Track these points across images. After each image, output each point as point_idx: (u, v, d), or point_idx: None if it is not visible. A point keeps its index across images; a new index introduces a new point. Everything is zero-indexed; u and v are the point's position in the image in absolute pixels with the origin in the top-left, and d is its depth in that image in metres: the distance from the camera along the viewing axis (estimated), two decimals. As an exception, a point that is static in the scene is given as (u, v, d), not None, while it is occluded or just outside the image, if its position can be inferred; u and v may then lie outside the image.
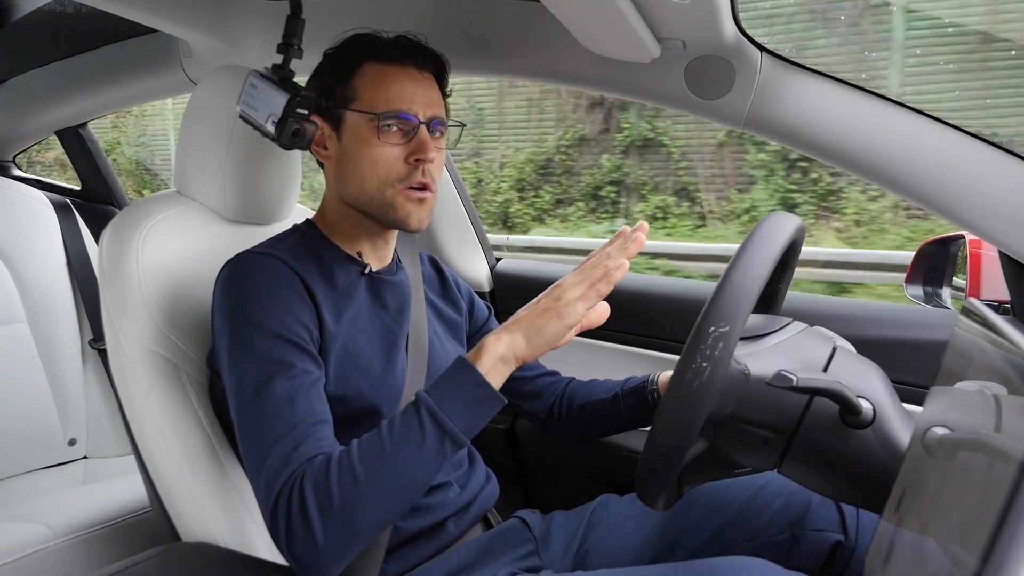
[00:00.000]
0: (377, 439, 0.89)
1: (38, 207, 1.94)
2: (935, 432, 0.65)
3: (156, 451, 1.12)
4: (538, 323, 0.91)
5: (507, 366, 0.92)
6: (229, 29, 1.54)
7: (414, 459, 0.87)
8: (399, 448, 0.87)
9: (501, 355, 0.91)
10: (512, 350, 0.92)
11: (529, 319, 0.92)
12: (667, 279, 1.87)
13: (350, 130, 1.08)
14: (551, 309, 0.91)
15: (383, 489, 0.86)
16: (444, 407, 0.88)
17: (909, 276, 1.44)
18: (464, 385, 0.90)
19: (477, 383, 0.90)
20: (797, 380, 0.82)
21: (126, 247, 1.14)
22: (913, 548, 0.62)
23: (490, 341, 0.92)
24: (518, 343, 0.92)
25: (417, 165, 1.07)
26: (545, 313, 0.91)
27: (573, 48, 1.19)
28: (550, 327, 0.91)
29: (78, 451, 1.91)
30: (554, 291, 0.93)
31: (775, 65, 1.12)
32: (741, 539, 1.12)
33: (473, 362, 0.91)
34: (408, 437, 0.88)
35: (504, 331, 0.93)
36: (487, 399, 0.90)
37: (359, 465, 0.87)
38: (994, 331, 0.68)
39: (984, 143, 1.02)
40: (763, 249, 0.83)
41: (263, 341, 0.97)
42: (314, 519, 0.85)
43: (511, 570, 1.09)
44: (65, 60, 2.00)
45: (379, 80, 1.07)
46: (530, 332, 0.92)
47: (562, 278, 0.94)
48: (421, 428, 0.88)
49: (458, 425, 0.88)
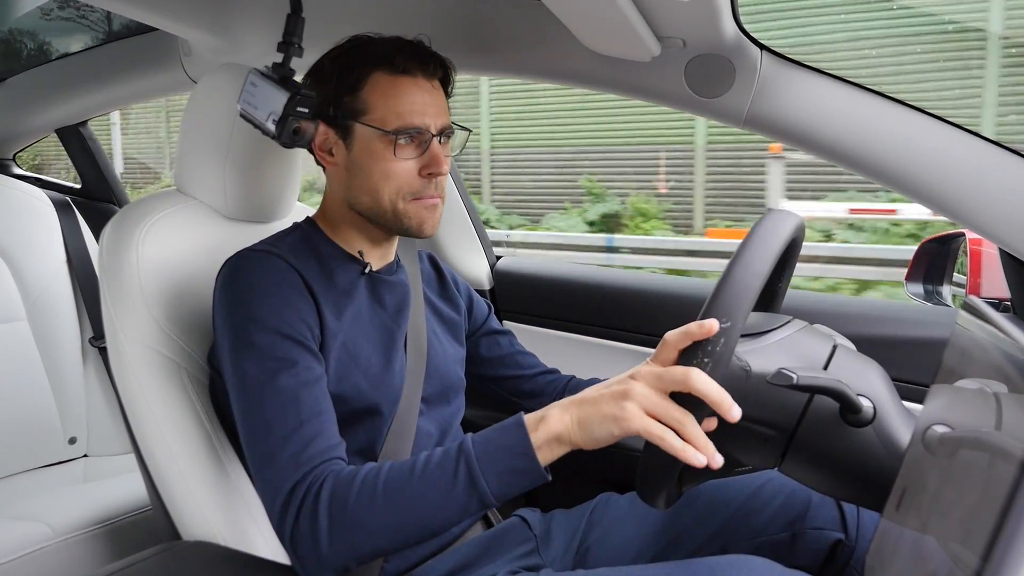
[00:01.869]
0: (409, 469, 0.87)
1: (38, 205, 1.94)
2: (935, 430, 0.65)
3: (156, 449, 1.12)
4: (593, 418, 0.83)
5: (561, 447, 0.85)
6: (229, 27, 1.53)
7: (436, 503, 0.86)
8: (426, 487, 0.86)
9: (558, 434, 0.84)
10: (570, 434, 0.84)
11: (591, 406, 0.84)
12: (667, 277, 1.87)
13: (361, 142, 1.07)
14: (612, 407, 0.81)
15: (396, 520, 0.86)
16: (484, 466, 0.85)
17: (909, 274, 1.44)
18: (513, 449, 0.85)
19: (525, 453, 0.84)
20: (797, 378, 0.82)
21: (126, 245, 1.14)
22: (913, 546, 0.62)
23: (554, 416, 0.85)
24: (574, 431, 0.84)
25: (430, 178, 1.07)
26: (605, 407, 0.82)
27: (573, 46, 1.19)
28: (604, 428, 0.82)
29: (78, 449, 1.91)
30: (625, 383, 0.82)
31: (775, 63, 1.12)
32: (741, 538, 1.12)
33: (530, 430, 0.85)
34: (439, 480, 0.86)
35: (569, 409, 0.85)
36: (530, 472, 0.85)
37: (382, 488, 0.86)
38: (995, 328, 0.68)
39: (984, 140, 1.02)
40: (765, 245, 0.83)
41: (265, 338, 0.97)
42: (322, 525, 0.86)
43: (511, 568, 1.09)
44: (65, 58, 2.00)
45: (391, 93, 1.06)
46: (584, 422, 0.84)
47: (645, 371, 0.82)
48: (455, 476, 0.85)
49: (491, 488, 0.85)
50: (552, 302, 1.75)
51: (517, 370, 1.34)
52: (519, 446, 0.85)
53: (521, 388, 1.33)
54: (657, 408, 0.79)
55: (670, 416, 0.78)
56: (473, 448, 0.86)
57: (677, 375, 0.78)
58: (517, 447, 0.85)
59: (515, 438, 0.85)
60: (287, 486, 0.89)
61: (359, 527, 0.86)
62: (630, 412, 0.79)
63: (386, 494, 0.86)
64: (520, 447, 0.85)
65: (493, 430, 0.88)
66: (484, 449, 0.86)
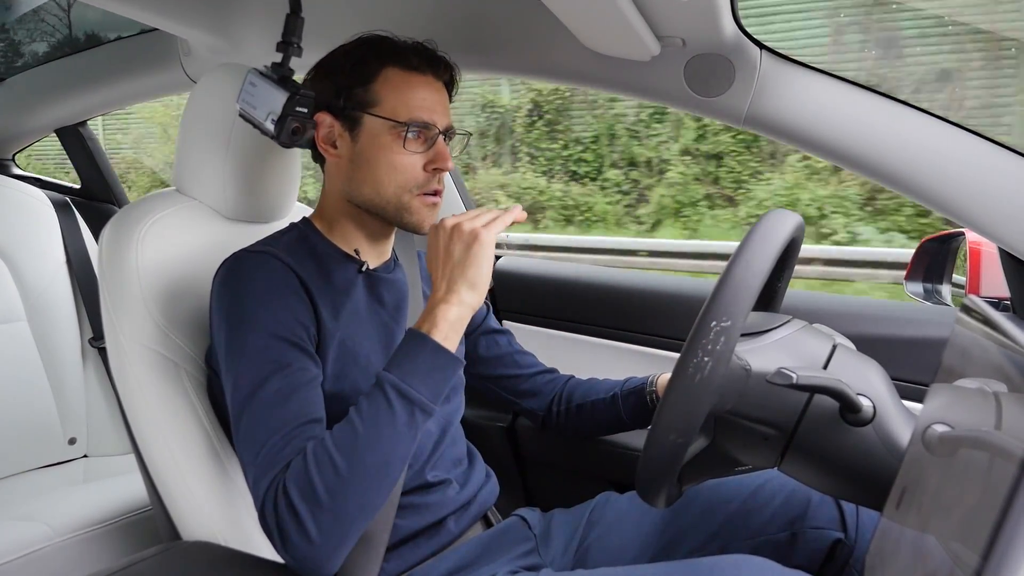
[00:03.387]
0: (349, 425, 0.89)
1: (38, 206, 1.93)
2: (935, 429, 0.65)
3: (156, 450, 1.12)
4: (471, 269, 0.95)
5: (462, 323, 0.96)
6: (228, 27, 1.53)
7: (388, 436, 0.89)
8: (372, 429, 0.89)
9: (453, 320, 0.95)
10: (461, 309, 0.95)
11: (461, 270, 0.95)
12: (667, 276, 1.87)
13: (369, 134, 1.08)
14: (472, 249, 0.95)
15: (365, 472, 0.87)
16: (410, 381, 0.91)
17: (909, 273, 1.44)
18: (421, 355, 0.92)
19: (434, 349, 0.93)
20: (797, 377, 0.82)
21: (125, 245, 1.14)
22: (913, 546, 0.62)
23: (441, 309, 0.95)
24: (466, 297, 0.95)
25: (435, 173, 1.09)
26: (471, 255, 0.95)
27: (573, 46, 1.19)
28: (484, 266, 0.95)
29: (78, 450, 1.91)
30: (460, 236, 0.96)
31: (775, 62, 1.12)
32: (741, 537, 1.12)
33: (428, 332, 0.93)
34: (378, 416, 0.89)
35: (448, 293, 0.95)
36: (447, 363, 0.93)
37: (336, 454, 0.87)
38: (994, 328, 0.68)
39: (983, 139, 1.02)
40: (764, 244, 0.83)
41: (260, 340, 0.97)
42: (304, 516, 0.86)
43: (511, 568, 1.09)
44: (64, 58, 2.00)
45: (403, 87, 1.07)
46: (471, 280, 0.95)
47: (449, 221, 0.98)
48: (389, 405, 0.89)
49: (424, 394, 0.91)
50: (551, 302, 1.75)
51: (515, 369, 1.34)
52: (426, 347, 0.93)
53: (519, 387, 1.33)
54: (476, 220, 0.97)
55: (487, 217, 0.97)
56: (392, 373, 0.92)
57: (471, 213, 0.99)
58: (425, 349, 0.93)
59: (419, 345, 0.93)
60: (262, 488, 0.89)
61: (335, 498, 0.86)
62: (481, 238, 0.95)
63: (343, 455, 0.87)
64: (427, 347, 0.93)
65: (397, 352, 0.94)
66: (401, 369, 0.92)
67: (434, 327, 0.94)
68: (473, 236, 0.95)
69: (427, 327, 0.94)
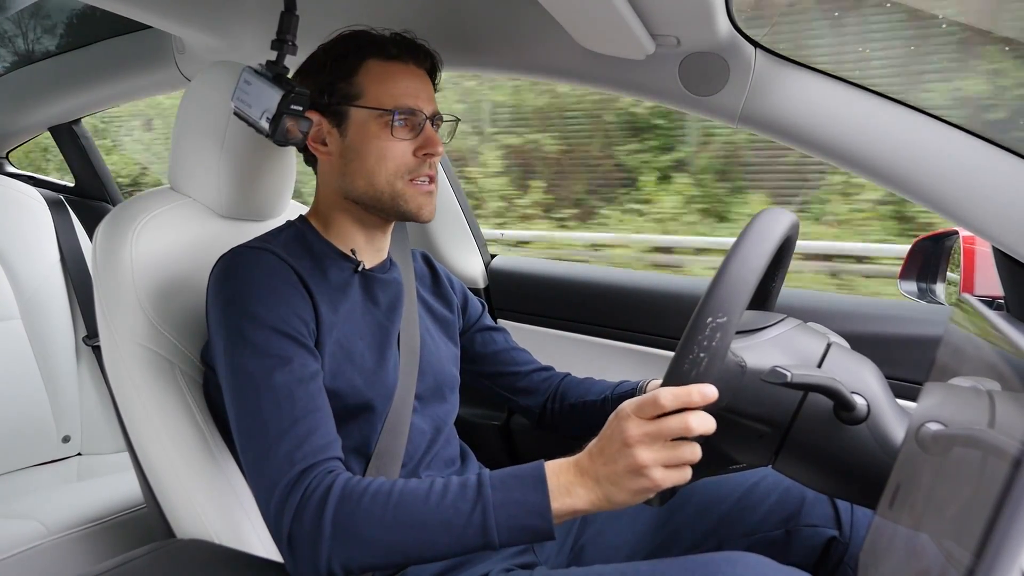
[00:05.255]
0: (424, 496, 0.87)
1: (32, 204, 1.93)
2: (929, 428, 0.65)
3: (150, 448, 1.12)
4: (621, 496, 0.83)
5: (578, 516, 0.89)
6: (223, 25, 1.53)
7: (443, 535, 0.86)
8: (437, 519, 0.86)
9: (579, 511, 0.85)
10: (595, 509, 0.85)
11: (613, 485, 0.83)
12: (662, 275, 1.87)
13: (356, 126, 1.08)
14: (635, 482, 0.82)
15: (400, 540, 0.86)
16: (499, 517, 0.85)
17: (903, 272, 1.44)
18: (531, 509, 0.85)
19: (542, 516, 0.84)
20: (792, 376, 0.82)
21: (120, 243, 1.14)
22: (907, 543, 0.62)
23: (580, 496, 0.85)
24: (602, 506, 0.85)
25: (425, 159, 1.09)
26: (629, 482, 0.82)
27: (567, 44, 1.19)
28: (635, 499, 0.83)
29: (72, 448, 1.91)
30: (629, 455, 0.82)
31: (769, 61, 1.12)
32: (736, 535, 1.12)
33: (553, 497, 0.85)
34: (452, 517, 0.85)
35: (595, 491, 0.84)
36: (541, 532, 0.85)
37: (393, 508, 0.86)
38: (988, 327, 0.69)
39: (978, 138, 1.02)
40: (760, 241, 0.83)
41: (260, 335, 0.97)
42: (326, 531, 0.86)
43: (505, 566, 1.09)
44: (58, 56, 1.99)
45: (385, 77, 1.08)
46: (610, 501, 0.84)
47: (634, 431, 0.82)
48: (468, 517, 0.85)
49: (501, 539, 0.85)
50: (547, 300, 1.75)
51: (512, 367, 1.34)
52: (538, 507, 0.85)
53: (516, 385, 1.33)
54: (670, 459, 0.81)
55: (681, 459, 0.82)
56: (492, 495, 0.86)
57: (675, 427, 0.80)
58: (536, 508, 0.85)
59: (536, 499, 0.85)
60: (283, 484, 0.89)
61: (363, 540, 0.86)
62: (654, 476, 0.81)
63: (396, 514, 0.86)
64: (539, 508, 0.85)
65: (515, 478, 0.87)
66: (503, 499, 0.85)
67: (559, 499, 0.85)
68: (640, 472, 0.81)
69: (557, 490, 0.85)
